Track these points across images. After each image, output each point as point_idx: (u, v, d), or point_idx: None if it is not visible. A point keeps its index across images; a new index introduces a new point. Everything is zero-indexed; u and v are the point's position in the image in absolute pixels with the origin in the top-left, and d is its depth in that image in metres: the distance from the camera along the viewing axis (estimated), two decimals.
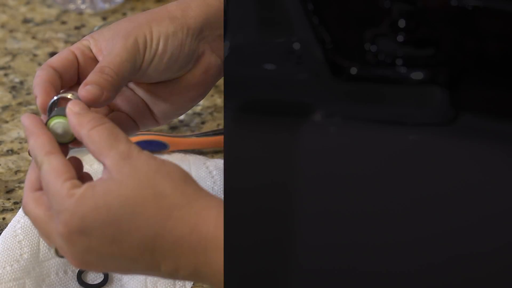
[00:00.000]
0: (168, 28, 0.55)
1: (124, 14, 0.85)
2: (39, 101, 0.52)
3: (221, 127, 0.73)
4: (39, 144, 0.49)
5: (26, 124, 0.51)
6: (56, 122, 0.51)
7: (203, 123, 0.74)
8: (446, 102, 0.53)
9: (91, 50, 0.55)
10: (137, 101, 0.57)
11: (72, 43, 0.81)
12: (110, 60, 0.53)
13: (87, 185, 0.48)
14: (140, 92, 0.57)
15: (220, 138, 0.70)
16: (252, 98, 0.55)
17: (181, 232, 0.47)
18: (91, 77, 0.52)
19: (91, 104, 0.51)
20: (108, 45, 0.54)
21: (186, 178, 0.49)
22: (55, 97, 0.52)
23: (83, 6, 0.85)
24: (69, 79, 0.54)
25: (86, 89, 0.51)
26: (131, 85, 0.58)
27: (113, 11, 0.86)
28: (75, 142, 0.52)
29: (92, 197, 0.47)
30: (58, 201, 0.47)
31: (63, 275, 0.58)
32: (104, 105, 0.54)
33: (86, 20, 0.85)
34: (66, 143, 0.52)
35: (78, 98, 0.52)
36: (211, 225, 0.47)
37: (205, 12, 0.57)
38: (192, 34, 0.56)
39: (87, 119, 0.49)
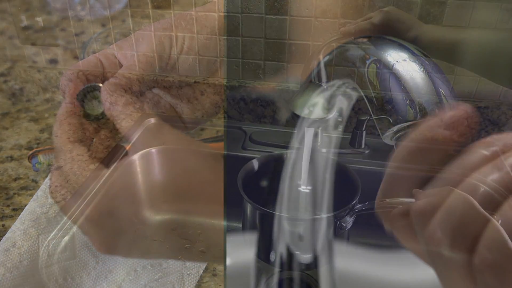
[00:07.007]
0: (192, 28, 0.57)
1: (124, 21, 0.86)
2: (70, 90, 0.54)
3: (220, 134, 0.73)
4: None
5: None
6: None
7: (202, 129, 0.74)
8: None
9: (115, 56, 0.57)
10: (164, 104, 0.58)
11: (72, 49, 0.81)
12: (137, 59, 0.55)
13: None
14: (167, 96, 0.59)
15: (220, 144, 0.70)
16: None
17: None
18: (120, 72, 0.55)
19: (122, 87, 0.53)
20: (132, 49, 0.57)
21: None
22: (87, 85, 0.54)
23: (82, 13, 0.85)
24: (94, 80, 0.55)
25: (117, 77, 0.54)
26: (156, 90, 0.59)
27: (113, 18, 0.86)
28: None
29: None
30: None
31: (63, 282, 0.58)
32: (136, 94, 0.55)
33: (86, 26, 0.85)
34: (101, 113, 0.54)
35: None
36: None
37: None
38: (217, 35, 0.58)
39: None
